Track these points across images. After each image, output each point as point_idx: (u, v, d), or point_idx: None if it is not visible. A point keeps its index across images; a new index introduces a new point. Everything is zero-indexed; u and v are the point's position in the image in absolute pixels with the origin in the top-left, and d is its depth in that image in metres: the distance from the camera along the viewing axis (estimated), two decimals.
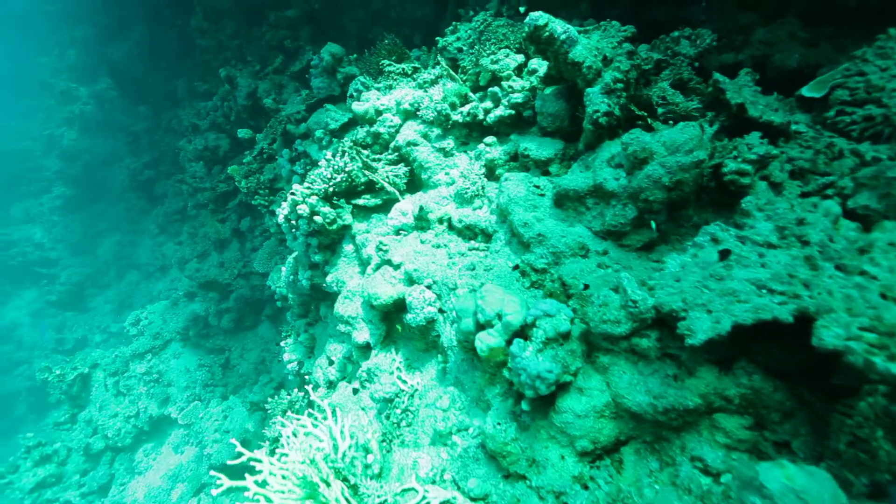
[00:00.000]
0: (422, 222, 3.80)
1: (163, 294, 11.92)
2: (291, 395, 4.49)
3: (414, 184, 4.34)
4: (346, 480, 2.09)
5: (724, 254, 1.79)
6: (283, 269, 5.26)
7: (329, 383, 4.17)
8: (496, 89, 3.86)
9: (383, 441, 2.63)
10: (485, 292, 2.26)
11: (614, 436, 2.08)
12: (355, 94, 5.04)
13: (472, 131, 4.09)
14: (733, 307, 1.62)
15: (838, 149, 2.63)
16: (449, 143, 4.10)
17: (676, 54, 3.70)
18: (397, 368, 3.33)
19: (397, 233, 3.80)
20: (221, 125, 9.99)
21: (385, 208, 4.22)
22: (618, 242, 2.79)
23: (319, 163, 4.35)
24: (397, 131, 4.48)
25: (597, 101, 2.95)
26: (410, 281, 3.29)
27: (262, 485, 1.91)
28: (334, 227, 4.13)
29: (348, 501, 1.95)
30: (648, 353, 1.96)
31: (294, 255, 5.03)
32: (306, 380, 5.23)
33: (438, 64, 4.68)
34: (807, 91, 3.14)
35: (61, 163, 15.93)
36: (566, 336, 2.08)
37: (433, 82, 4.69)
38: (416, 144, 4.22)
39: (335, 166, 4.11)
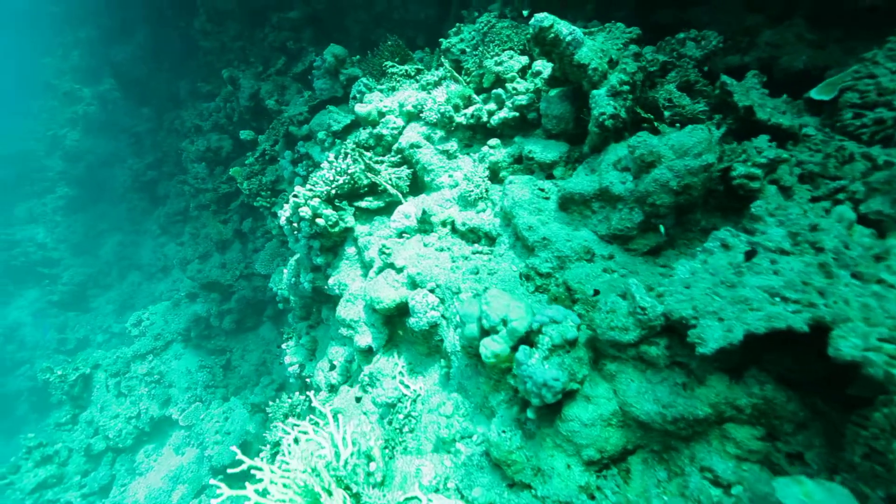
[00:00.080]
0: (425, 225, 3.77)
1: (164, 295, 11.92)
2: (292, 399, 4.46)
3: (417, 186, 4.31)
4: (348, 489, 2.05)
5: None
6: (285, 271, 5.23)
7: (331, 387, 4.14)
8: (500, 91, 3.83)
9: (385, 448, 2.60)
10: (489, 297, 2.23)
11: (621, 445, 2.04)
12: (358, 95, 5.02)
13: (476, 133, 4.06)
14: (746, 315, 1.59)
15: (849, 152, 2.59)
16: (452, 145, 4.07)
17: (682, 56, 3.66)
18: (399, 373, 3.30)
19: (400, 235, 3.77)
20: (224, 126, 9.99)
21: (388, 211, 4.19)
22: (624, 247, 2.75)
23: (322, 165, 4.33)
24: (400, 133, 4.45)
25: (603, 103, 2.92)
26: (413, 284, 3.26)
27: (263, 493, 1.88)
28: (336, 229, 4.10)
29: None
30: (657, 361, 1.92)
31: (296, 257, 5.00)
32: (308, 383, 5.20)
33: (442, 66, 4.66)
34: (815, 94, 3.10)
35: (64, 163, 15.98)
36: (573, 343, 2.04)
37: (436, 84, 4.66)
38: (419, 146, 4.19)
39: (338, 168, 4.09)
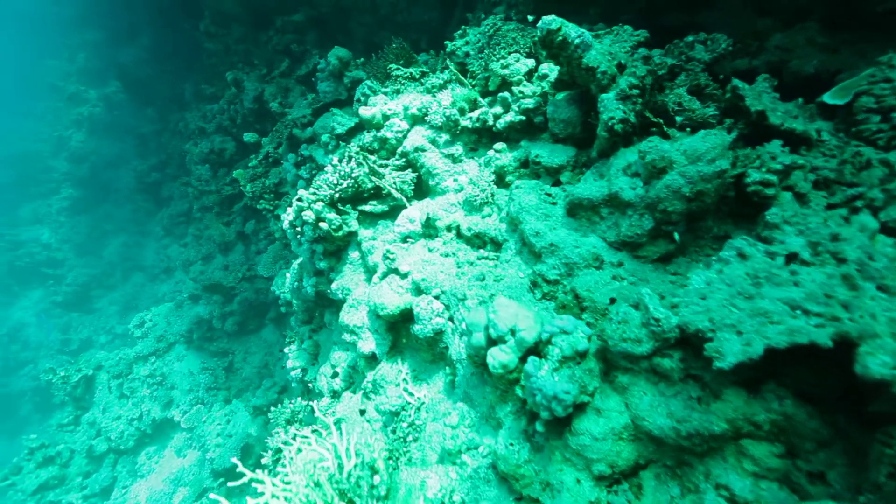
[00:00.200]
0: (429, 230, 3.72)
1: (167, 296, 11.93)
2: (294, 405, 4.41)
3: (421, 190, 4.27)
4: (351, 502, 2.00)
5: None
6: (288, 275, 5.20)
7: (333, 393, 4.09)
8: (506, 94, 3.78)
9: (389, 458, 2.54)
10: (497, 306, 2.18)
11: (633, 459, 1.98)
12: (362, 98, 4.99)
13: (482, 137, 4.02)
14: (765, 329, 1.53)
15: (866, 158, 2.52)
16: (458, 148, 4.03)
17: (691, 59, 3.61)
18: (403, 380, 3.24)
19: (404, 240, 3.72)
20: (227, 128, 10.00)
21: (392, 215, 4.15)
22: (633, 254, 2.69)
23: (325, 168, 4.29)
24: (405, 136, 4.41)
25: (612, 107, 2.87)
26: (418, 291, 3.21)
27: None
28: (340, 233, 4.06)
29: None
30: (671, 373, 1.86)
31: (299, 261, 4.96)
32: (310, 387, 5.15)
33: (447, 68, 4.62)
34: (829, 98, 3.03)
35: (69, 164, 16.05)
36: (583, 355, 1.99)
37: (441, 87, 4.62)
38: (423, 150, 4.14)
39: (341, 172, 4.05)
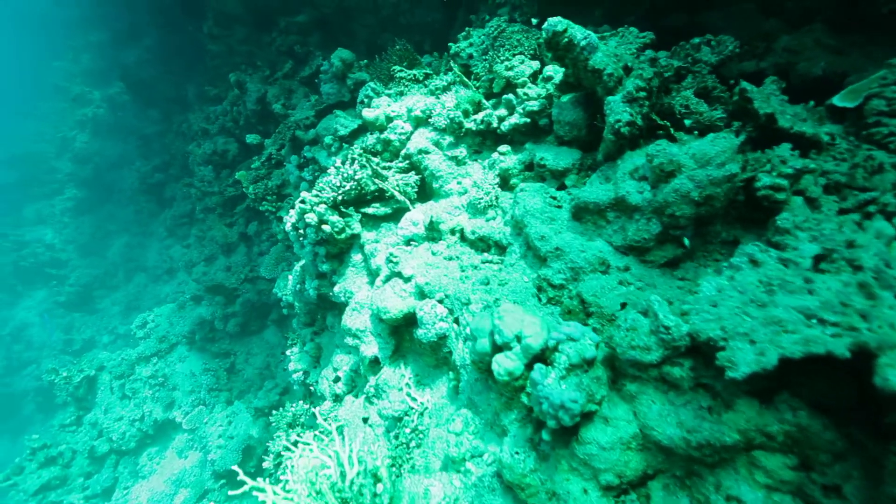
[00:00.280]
0: (433, 233, 3.69)
1: (170, 297, 11.94)
2: (296, 408, 4.38)
3: (425, 193, 4.24)
4: None
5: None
6: (290, 277, 5.18)
7: (335, 396, 4.06)
8: (511, 96, 3.75)
9: (392, 465, 2.51)
10: (503, 312, 2.14)
11: (641, 469, 1.94)
12: (366, 100, 4.97)
13: (486, 139, 3.99)
14: (780, 338, 1.49)
15: (878, 162, 2.48)
16: (461, 151, 4.00)
17: (697, 61, 3.56)
18: (406, 385, 3.21)
19: (408, 243, 3.69)
20: (230, 130, 10.01)
21: (395, 217, 4.12)
22: (640, 258, 2.65)
23: (328, 170, 4.27)
24: (408, 139, 4.38)
25: (619, 109, 2.83)
26: (421, 294, 3.18)
27: None
28: (343, 236, 4.03)
29: None
30: (681, 382, 1.82)
31: (301, 263, 4.94)
32: (311, 390, 5.12)
33: (451, 70, 4.59)
34: (839, 101, 2.99)
35: (73, 165, 16.12)
36: (591, 362, 1.95)
37: (445, 89, 4.60)
38: (427, 152, 4.12)
39: (344, 174, 4.02)
